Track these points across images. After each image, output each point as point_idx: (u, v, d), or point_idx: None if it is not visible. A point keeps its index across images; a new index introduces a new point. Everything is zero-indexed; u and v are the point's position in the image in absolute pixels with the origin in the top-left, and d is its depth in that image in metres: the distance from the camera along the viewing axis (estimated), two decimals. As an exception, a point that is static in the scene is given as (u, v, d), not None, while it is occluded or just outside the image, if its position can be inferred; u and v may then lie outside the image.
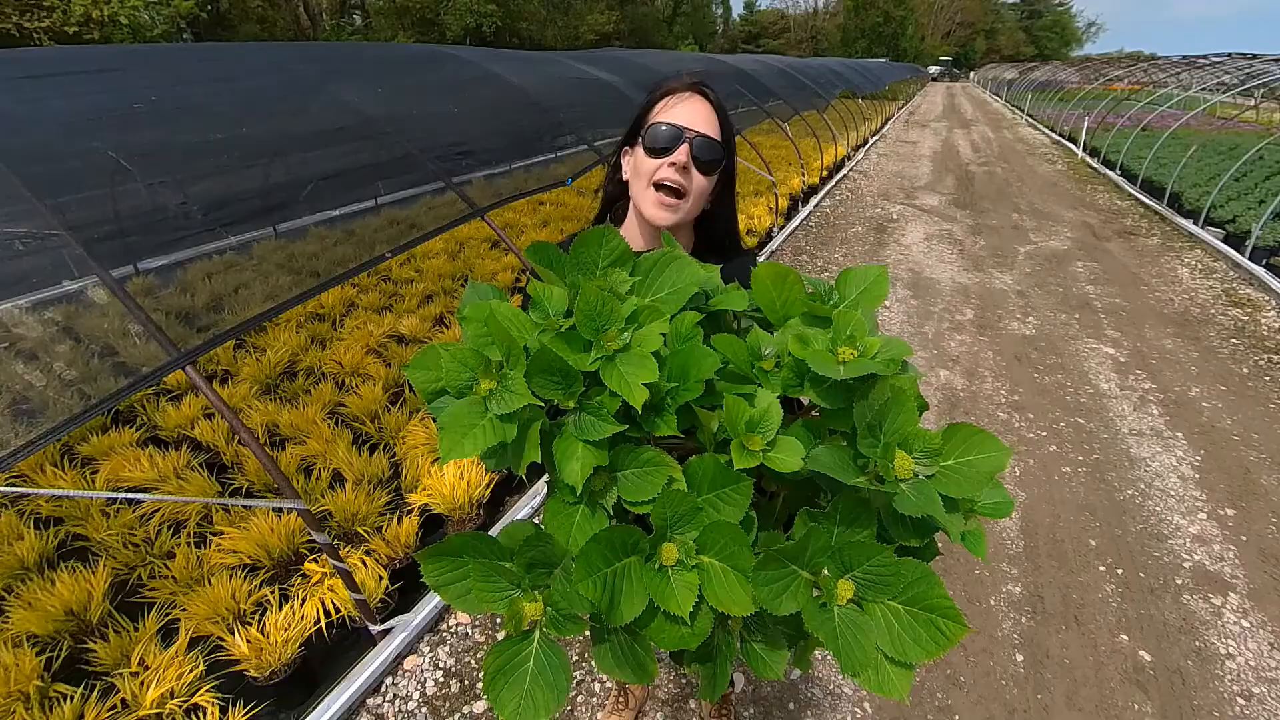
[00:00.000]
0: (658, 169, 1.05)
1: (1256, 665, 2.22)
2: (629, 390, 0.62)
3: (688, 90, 1.07)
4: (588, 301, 0.64)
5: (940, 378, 4.16)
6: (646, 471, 0.67)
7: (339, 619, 2.14)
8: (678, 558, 0.64)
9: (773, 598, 0.62)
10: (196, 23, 16.92)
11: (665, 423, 0.67)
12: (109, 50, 3.91)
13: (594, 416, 0.64)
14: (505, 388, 0.62)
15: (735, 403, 0.67)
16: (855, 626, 0.62)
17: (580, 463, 0.63)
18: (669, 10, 45.89)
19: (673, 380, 0.68)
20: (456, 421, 0.62)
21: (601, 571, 0.62)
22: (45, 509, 2.62)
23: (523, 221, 6.64)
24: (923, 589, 0.62)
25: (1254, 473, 3.21)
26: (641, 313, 0.68)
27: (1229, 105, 17.13)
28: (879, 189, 10.12)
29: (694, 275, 0.75)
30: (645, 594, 0.62)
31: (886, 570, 0.62)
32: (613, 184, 1.20)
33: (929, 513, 0.60)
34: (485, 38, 24.80)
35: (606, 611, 0.61)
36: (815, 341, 0.69)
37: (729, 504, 0.67)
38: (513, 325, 0.68)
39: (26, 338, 3.66)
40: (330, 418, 3.20)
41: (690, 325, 0.73)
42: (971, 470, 0.64)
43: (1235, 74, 12.53)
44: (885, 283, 0.79)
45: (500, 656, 0.64)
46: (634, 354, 0.64)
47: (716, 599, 0.62)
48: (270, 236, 5.32)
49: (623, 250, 0.75)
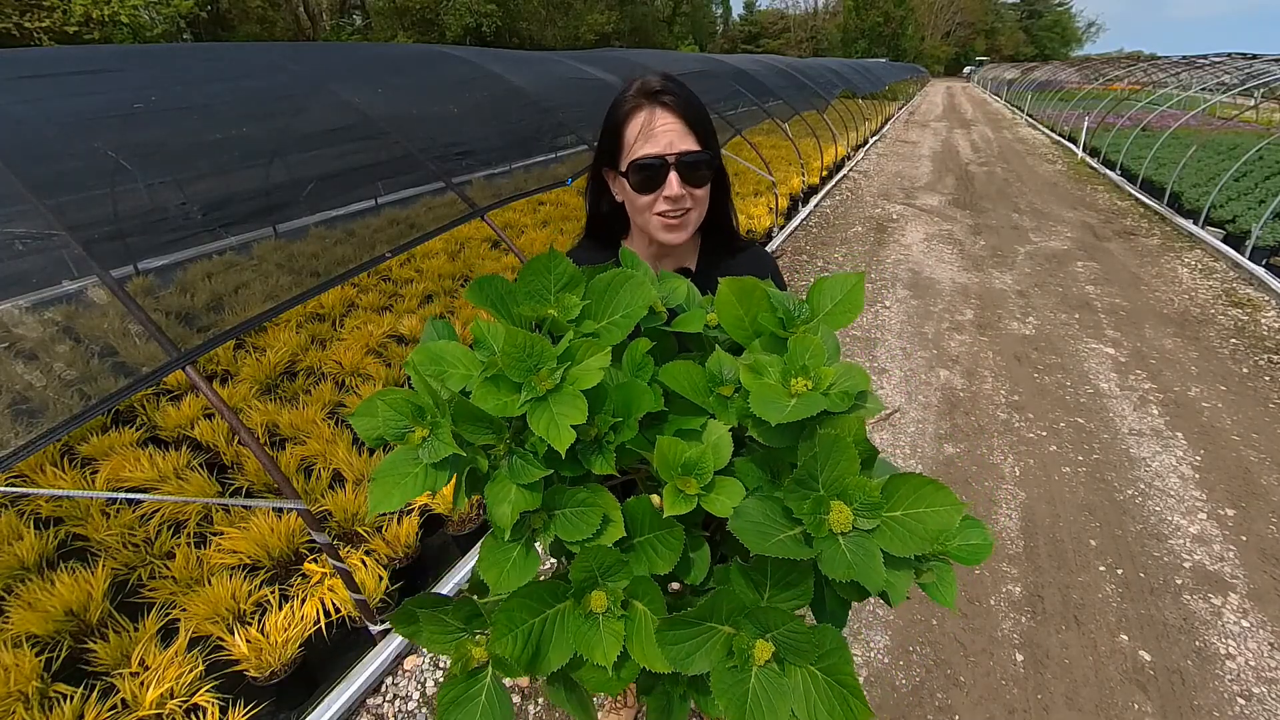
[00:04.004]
0: (653, 203, 1.04)
1: (1256, 665, 2.22)
2: (555, 434, 0.60)
3: (649, 106, 1.02)
4: (514, 344, 0.63)
5: (940, 378, 4.16)
6: (582, 511, 0.65)
7: (339, 619, 2.14)
8: (607, 605, 0.62)
9: (683, 657, 0.59)
10: (196, 23, 16.92)
11: (604, 461, 0.65)
12: (109, 50, 3.91)
13: (524, 460, 0.64)
14: (436, 437, 0.62)
15: (669, 444, 0.64)
16: (774, 689, 0.58)
17: (510, 505, 0.63)
18: (669, 10, 45.89)
19: (618, 415, 0.66)
20: (388, 472, 0.63)
21: (527, 624, 0.62)
22: (45, 509, 2.62)
23: (523, 221, 6.65)
24: (835, 660, 0.59)
25: (1254, 473, 3.21)
26: (578, 348, 0.66)
27: (1229, 105, 17.11)
28: (879, 189, 10.12)
29: (645, 296, 0.72)
30: (573, 645, 0.61)
31: (801, 637, 0.58)
32: (607, 205, 1.16)
33: (860, 576, 0.56)
34: (485, 38, 24.80)
35: (529, 663, 0.61)
36: (769, 371, 0.65)
37: (665, 547, 0.64)
38: (458, 365, 0.68)
39: (26, 338, 3.66)
40: (330, 418, 3.20)
41: (642, 354, 0.70)
42: (918, 524, 0.59)
43: (1235, 74, 12.53)
44: (861, 293, 0.74)
45: (455, 689, 0.64)
46: (566, 394, 0.62)
47: (640, 653, 0.61)
48: (270, 236, 5.31)
49: (572, 274, 0.72)
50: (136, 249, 2.53)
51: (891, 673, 2.20)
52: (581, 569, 0.62)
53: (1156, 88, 15.19)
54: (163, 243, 2.48)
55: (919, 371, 4.24)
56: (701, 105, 1.06)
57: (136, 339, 3.59)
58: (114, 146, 2.53)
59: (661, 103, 1.02)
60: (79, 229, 2.11)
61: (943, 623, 2.38)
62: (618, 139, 1.05)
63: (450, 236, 5.82)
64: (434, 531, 2.63)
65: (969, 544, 0.66)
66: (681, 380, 0.68)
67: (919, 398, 3.91)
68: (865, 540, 0.58)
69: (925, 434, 3.54)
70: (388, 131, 3.48)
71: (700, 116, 1.05)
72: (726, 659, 0.59)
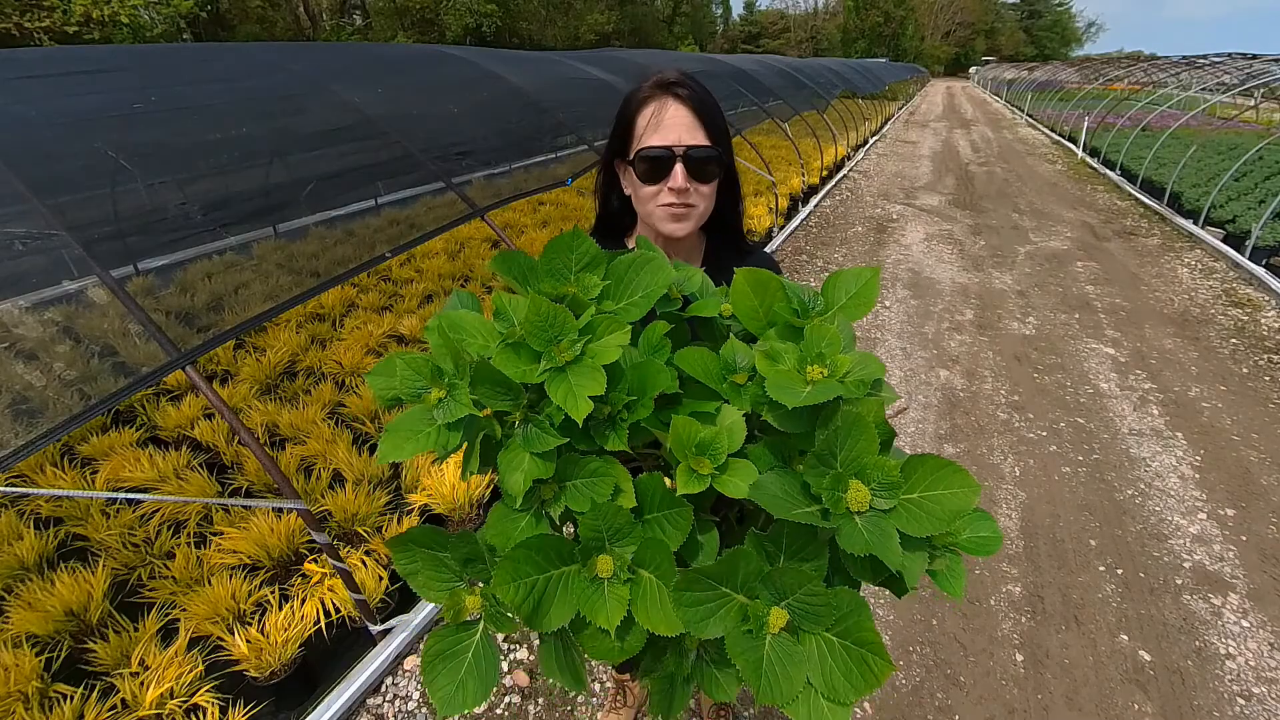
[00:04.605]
0: (658, 194, 1.05)
1: (1256, 665, 2.22)
2: (573, 404, 0.60)
3: (661, 97, 1.03)
4: (538, 312, 0.63)
5: (940, 378, 4.16)
6: (592, 481, 0.66)
7: (339, 619, 2.14)
8: (613, 571, 0.62)
9: (698, 620, 0.60)
10: (196, 23, 16.91)
11: (617, 437, 0.66)
12: (109, 50, 3.91)
13: (539, 429, 0.64)
14: (452, 397, 0.62)
15: (684, 423, 0.64)
16: (788, 657, 0.59)
17: (523, 474, 0.63)
18: (669, 10, 45.91)
19: (633, 394, 0.66)
20: (402, 426, 0.62)
21: (531, 578, 0.61)
22: (45, 509, 2.62)
23: (523, 221, 6.64)
24: (854, 621, 0.59)
25: (1254, 473, 3.21)
26: (599, 324, 0.66)
27: (1229, 105, 17.11)
28: (879, 189, 10.12)
29: (665, 278, 0.73)
30: (575, 605, 0.61)
31: (818, 600, 0.59)
32: (617, 199, 1.17)
33: (879, 552, 0.56)
34: (485, 38, 24.81)
35: (529, 617, 0.60)
36: (785, 358, 0.66)
37: (673, 526, 0.64)
38: (476, 335, 0.68)
39: (26, 338, 3.66)
40: (330, 418, 3.20)
41: (660, 335, 0.71)
42: (935, 506, 0.59)
43: (1235, 74, 12.53)
44: (876, 287, 0.75)
45: (443, 641, 0.64)
46: (585, 365, 0.63)
47: (646, 617, 0.61)
48: (270, 236, 5.32)
49: (594, 254, 0.73)
50: (136, 249, 2.53)
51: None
52: (590, 528, 0.63)
53: (1156, 88, 15.19)
54: (163, 243, 2.48)
55: (919, 371, 4.24)
56: (715, 103, 1.06)
57: (136, 339, 3.59)
58: (114, 146, 2.53)
59: (675, 95, 1.03)
60: (79, 229, 2.11)
61: (943, 622, 2.38)
62: (629, 129, 1.06)
63: (450, 236, 5.82)
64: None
65: (979, 536, 0.66)
66: (696, 365, 0.69)
67: (919, 397, 3.91)
68: (881, 520, 0.59)
69: (925, 434, 3.54)
70: (388, 131, 3.48)
71: (712, 113, 1.05)
72: (741, 624, 0.60)
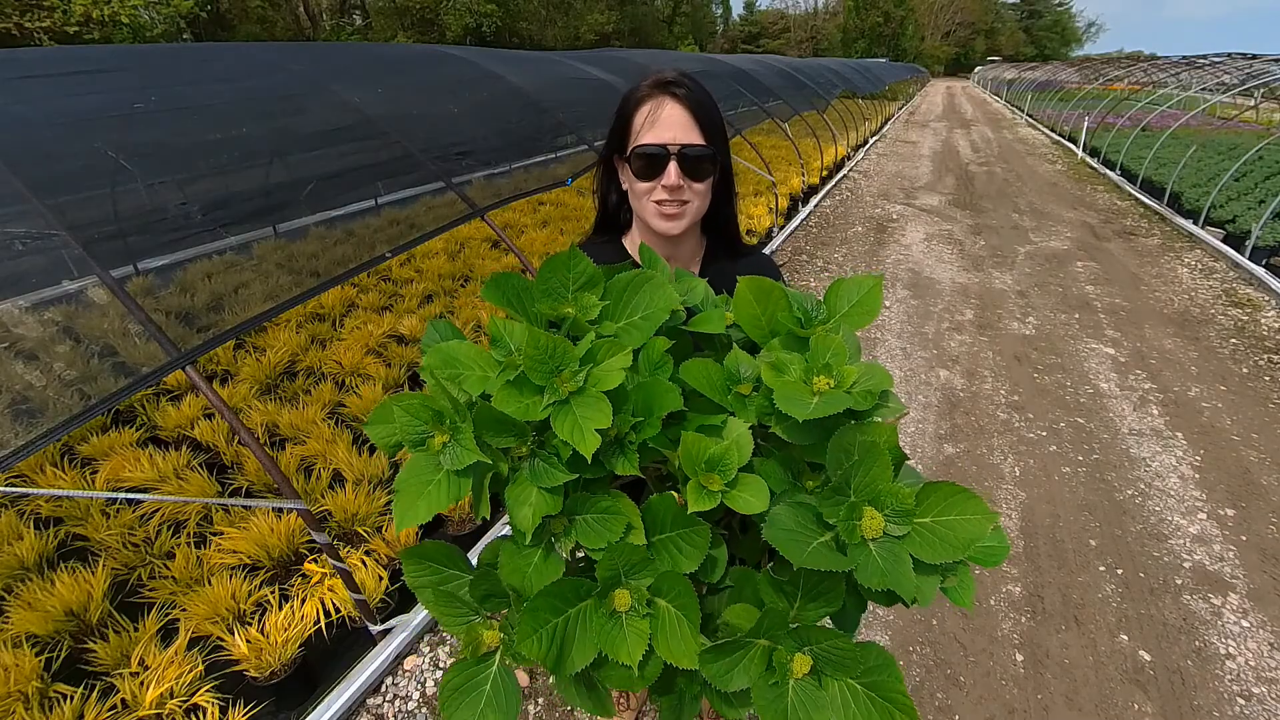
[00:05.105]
0: (651, 191, 1.05)
1: (1256, 665, 2.22)
2: (580, 438, 0.59)
3: (658, 95, 1.04)
4: (536, 345, 0.62)
5: (940, 378, 4.16)
6: (605, 519, 0.65)
7: (339, 619, 2.14)
8: (630, 604, 0.62)
9: (722, 674, 0.60)
10: (196, 23, 16.91)
11: (627, 461, 0.65)
12: (109, 50, 3.91)
13: (547, 464, 0.63)
14: (457, 442, 0.60)
15: (694, 440, 0.63)
16: (811, 702, 0.59)
17: (531, 509, 0.62)
18: (669, 10, 45.91)
19: (638, 415, 0.65)
20: (410, 482, 0.61)
21: (551, 623, 0.61)
22: (45, 509, 2.62)
23: (523, 221, 6.64)
24: (882, 677, 0.59)
25: (1254, 473, 3.21)
26: (599, 349, 0.65)
27: (1229, 105, 17.12)
28: (879, 189, 10.12)
29: (667, 299, 0.71)
30: (596, 644, 0.61)
31: (844, 653, 0.59)
32: (615, 196, 1.18)
33: (894, 584, 0.56)
34: (485, 38, 24.81)
35: (555, 664, 0.60)
36: (791, 369, 0.65)
37: (689, 545, 0.64)
38: (474, 366, 0.67)
39: (26, 338, 3.65)
40: (330, 418, 3.20)
41: (660, 353, 0.69)
42: (949, 532, 0.59)
43: (1235, 74, 12.54)
44: (879, 295, 0.74)
45: (460, 675, 0.64)
46: (589, 396, 0.62)
47: (667, 650, 0.60)
48: (270, 236, 5.32)
49: (592, 273, 0.72)
50: (136, 249, 2.53)
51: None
52: (607, 567, 0.62)
53: (1156, 88, 15.19)
54: (163, 243, 2.48)
55: (919, 371, 4.24)
56: (713, 103, 1.07)
57: (136, 339, 3.59)
58: (114, 146, 2.53)
59: (672, 94, 1.04)
60: (79, 229, 2.11)
61: (943, 623, 2.38)
62: (626, 126, 1.07)
63: (450, 236, 5.81)
64: (434, 531, 2.62)
65: (986, 545, 0.66)
66: (700, 379, 0.68)
67: (919, 398, 3.91)
68: (895, 546, 0.59)
69: (925, 434, 3.54)
70: (387, 131, 3.48)
71: (709, 113, 1.05)
72: (767, 674, 0.60)
